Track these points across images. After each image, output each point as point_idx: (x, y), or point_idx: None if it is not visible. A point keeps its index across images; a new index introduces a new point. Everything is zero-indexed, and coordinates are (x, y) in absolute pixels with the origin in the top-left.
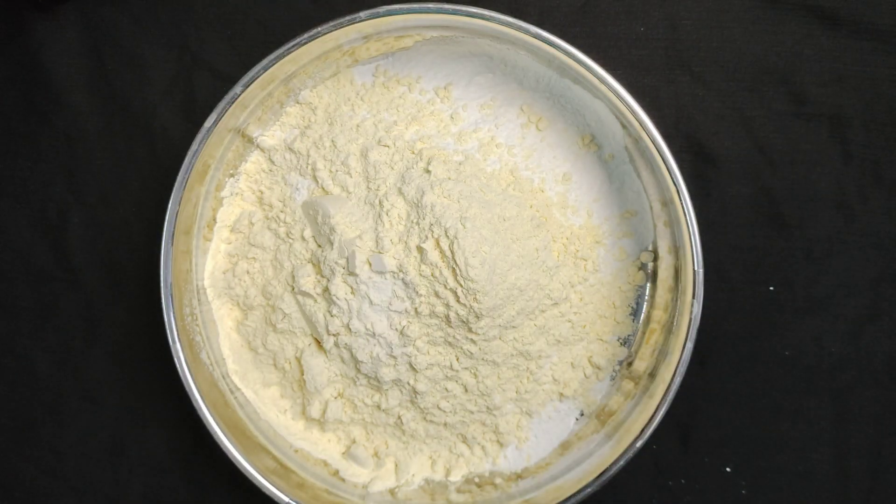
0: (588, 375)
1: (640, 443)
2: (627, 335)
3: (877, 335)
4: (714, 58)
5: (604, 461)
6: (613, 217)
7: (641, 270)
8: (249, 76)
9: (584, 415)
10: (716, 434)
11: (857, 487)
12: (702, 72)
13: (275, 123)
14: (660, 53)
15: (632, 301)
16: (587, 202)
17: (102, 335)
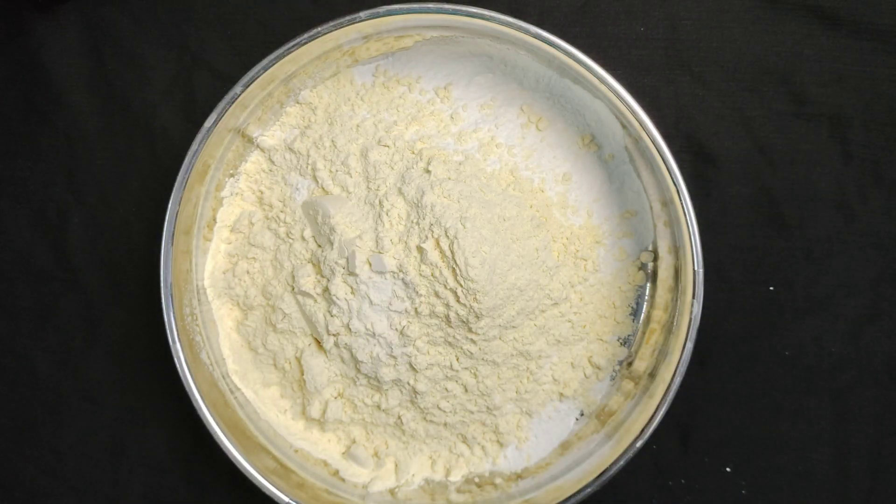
0: (588, 375)
1: (640, 443)
2: (627, 335)
3: (877, 335)
4: (714, 58)
5: (604, 461)
6: (613, 217)
7: (641, 270)
8: (249, 76)
9: (584, 415)
10: (716, 434)
11: (857, 487)
12: (702, 72)
13: (275, 123)
14: (660, 53)
15: (632, 301)
16: (587, 202)
17: (102, 335)
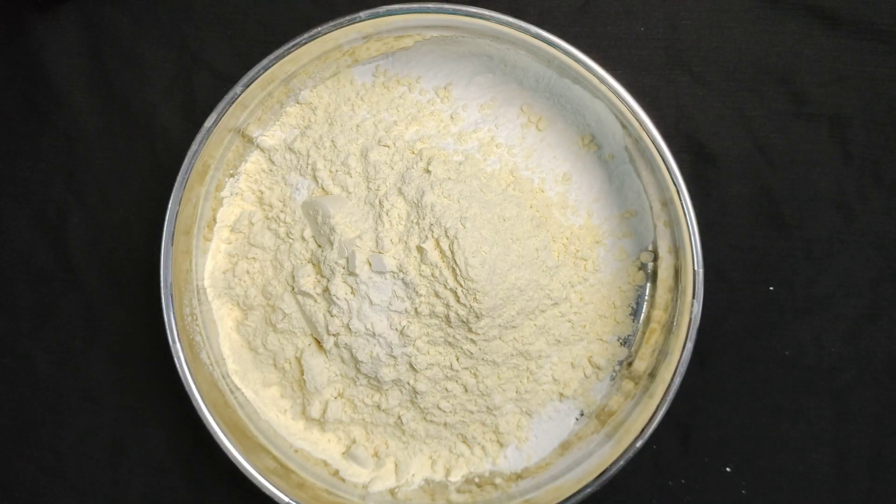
0: (588, 375)
1: (640, 443)
2: (627, 335)
3: (877, 335)
4: (714, 58)
5: (604, 461)
6: (613, 217)
7: (641, 270)
8: (249, 76)
9: (584, 415)
10: (716, 434)
11: (857, 487)
12: (702, 72)
13: (275, 123)
14: (660, 53)
15: (632, 301)
16: (587, 202)
17: (102, 335)
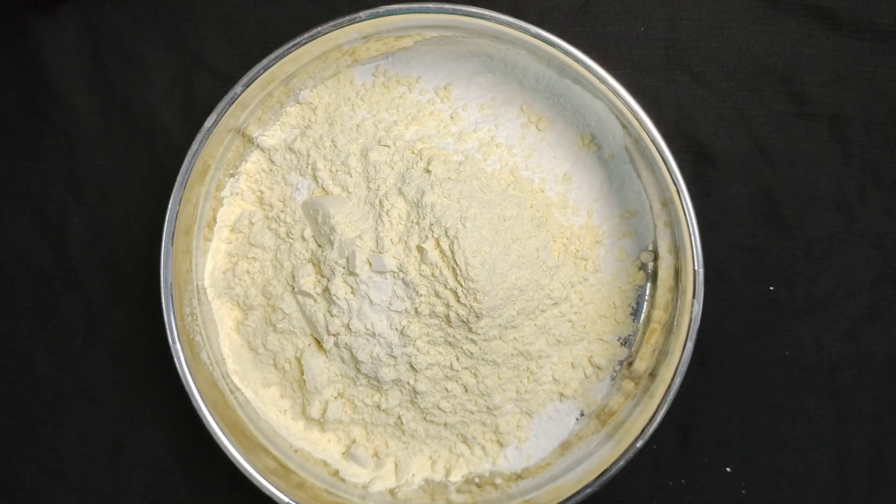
0: (588, 375)
1: (640, 443)
2: (627, 335)
3: (877, 335)
4: (714, 58)
5: (604, 461)
6: (613, 217)
7: (641, 270)
8: (249, 76)
9: (584, 415)
10: (716, 434)
11: (857, 487)
12: (702, 72)
13: (275, 123)
14: (660, 53)
15: (632, 301)
16: (587, 202)
17: (102, 335)
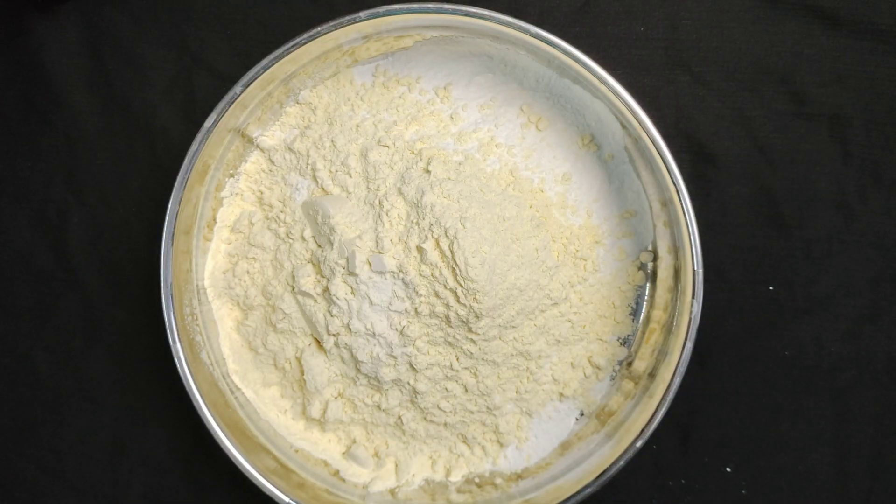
0: (588, 375)
1: (640, 443)
2: (627, 335)
3: (877, 335)
4: (714, 58)
5: (604, 461)
6: (613, 217)
7: (641, 270)
8: (249, 76)
9: (584, 415)
10: (716, 434)
11: (857, 487)
12: (702, 72)
13: (275, 123)
14: (660, 53)
15: (631, 301)
16: (587, 202)
17: (102, 335)
